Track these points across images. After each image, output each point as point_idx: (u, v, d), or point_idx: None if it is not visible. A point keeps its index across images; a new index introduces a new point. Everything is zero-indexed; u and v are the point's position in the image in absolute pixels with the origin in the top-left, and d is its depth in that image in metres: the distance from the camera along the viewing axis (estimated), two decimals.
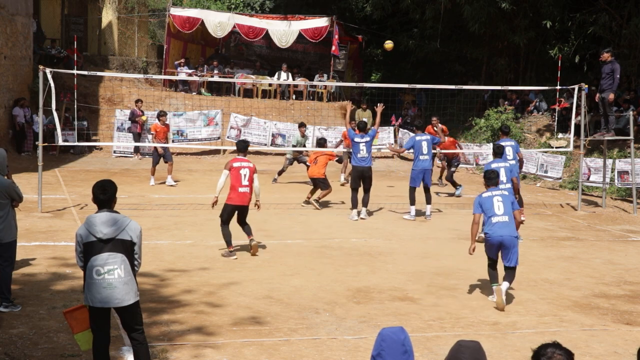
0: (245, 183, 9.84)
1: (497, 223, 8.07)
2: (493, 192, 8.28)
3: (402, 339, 3.76)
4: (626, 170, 16.26)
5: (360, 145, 13.04)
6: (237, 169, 9.86)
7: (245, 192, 9.85)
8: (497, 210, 8.11)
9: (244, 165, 9.93)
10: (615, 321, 7.65)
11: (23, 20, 20.90)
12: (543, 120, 21.88)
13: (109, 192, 5.39)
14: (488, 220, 8.12)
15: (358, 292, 8.42)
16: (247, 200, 9.93)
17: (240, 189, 9.83)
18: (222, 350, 6.37)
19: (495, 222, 8.08)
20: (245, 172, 9.87)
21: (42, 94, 12.86)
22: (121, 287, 5.25)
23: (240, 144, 10.25)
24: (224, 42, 27.28)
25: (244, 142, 10.21)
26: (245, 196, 9.89)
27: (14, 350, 6.18)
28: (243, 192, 9.85)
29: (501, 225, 8.06)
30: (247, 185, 9.85)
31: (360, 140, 13.08)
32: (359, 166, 13.04)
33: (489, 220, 8.11)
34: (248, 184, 9.85)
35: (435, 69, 28.90)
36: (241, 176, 9.83)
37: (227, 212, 9.92)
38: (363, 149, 13.01)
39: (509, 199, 8.27)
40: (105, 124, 21.77)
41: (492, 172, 8.55)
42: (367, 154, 13.02)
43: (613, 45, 17.98)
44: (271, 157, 22.28)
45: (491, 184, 8.39)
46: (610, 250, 11.30)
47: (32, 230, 11.02)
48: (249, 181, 9.86)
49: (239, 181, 9.82)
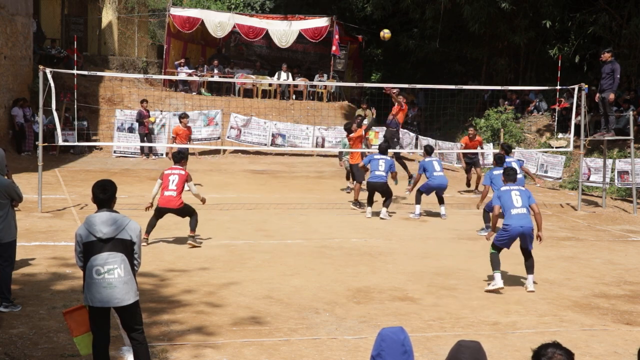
0: (173, 187, 10.42)
1: (516, 215, 8.56)
2: (511, 187, 8.83)
3: (402, 339, 3.77)
4: (626, 170, 16.25)
5: (380, 162, 13.25)
6: (167, 175, 10.56)
7: (171, 196, 10.40)
8: (515, 203, 8.61)
9: (174, 172, 10.58)
10: (615, 321, 7.65)
11: (23, 20, 20.90)
12: (543, 120, 21.89)
13: (108, 192, 5.39)
14: (507, 212, 8.62)
15: (358, 292, 8.41)
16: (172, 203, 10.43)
17: (166, 193, 10.46)
18: (222, 350, 6.37)
19: (515, 213, 8.57)
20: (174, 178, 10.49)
21: (42, 94, 12.86)
22: (121, 286, 5.25)
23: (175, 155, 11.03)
24: (224, 42, 27.27)
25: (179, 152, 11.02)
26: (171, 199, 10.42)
27: (14, 350, 6.18)
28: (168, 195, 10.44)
29: (520, 216, 8.56)
30: (174, 189, 10.40)
31: (380, 157, 13.37)
32: (375, 182, 13.20)
33: (508, 212, 8.62)
34: (175, 188, 10.41)
35: (435, 69, 28.90)
36: (169, 182, 10.47)
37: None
38: (382, 165, 13.21)
39: (526, 193, 8.82)
40: (105, 124, 21.77)
41: (510, 169, 9.18)
42: (384, 172, 13.19)
43: (613, 45, 17.97)
44: (271, 157, 22.29)
45: (510, 179, 8.94)
46: (610, 250, 11.29)
47: (32, 230, 11.02)
48: (176, 186, 10.43)
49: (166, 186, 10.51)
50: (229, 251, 10.30)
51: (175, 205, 10.38)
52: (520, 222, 8.52)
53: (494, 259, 8.64)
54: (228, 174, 18.86)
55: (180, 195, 10.42)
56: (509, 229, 8.56)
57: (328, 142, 22.37)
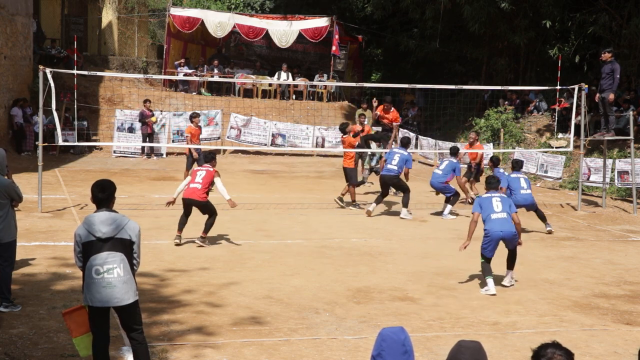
0: (199, 180, 10.53)
1: (495, 219, 8.61)
2: (493, 194, 8.91)
3: (402, 339, 3.77)
4: (626, 170, 16.25)
5: (395, 155, 13.28)
6: (195, 171, 10.79)
7: (196, 188, 10.49)
8: (495, 208, 8.67)
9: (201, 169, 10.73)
10: (615, 321, 7.65)
11: (23, 20, 20.90)
12: (543, 120, 21.88)
13: (107, 191, 5.39)
14: (487, 217, 8.63)
15: (358, 292, 8.41)
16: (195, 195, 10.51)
17: (191, 185, 10.58)
18: (222, 350, 6.37)
19: (495, 218, 8.62)
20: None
21: (42, 94, 12.85)
22: (120, 286, 5.25)
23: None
24: (224, 42, 27.28)
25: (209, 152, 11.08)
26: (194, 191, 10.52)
27: (14, 350, 6.18)
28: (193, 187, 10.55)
29: (501, 221, 8.60)
30: (199, 182, 10.50)
31: (397, 151, 13.43)
32: (385, 175, 13.27)
33: (488, 217, 8.63)
34: (201, 181, 10.51)
35: (435, 69, 28.90)
36: (196, 176, 10.62)
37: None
38: (396, 159, 13.22)
39: (507, 201, 8.90)
40: (105, 124, 21.76)
41: (492, 177, 9.31)
42: (396, 166, 13.17)
43: (613, 45, 17.96)
44: (271, 157, 22.29)
45: (491, 187, 9.03)
46: (610, 250, 11.29)
47: (32, 230, 11.02)
48: (202, 179, 10.52)
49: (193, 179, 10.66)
50: (229, 251, 10.30)
51: (199, 197, 10.37)
52: (500, 226, 8.56)
53: (485, 267, 8.67)
54: (228, 174, 18.80)
55: (205, 190, 10.45)
56: (489, 234, 8.58)
57: (328, 142, 22.37)
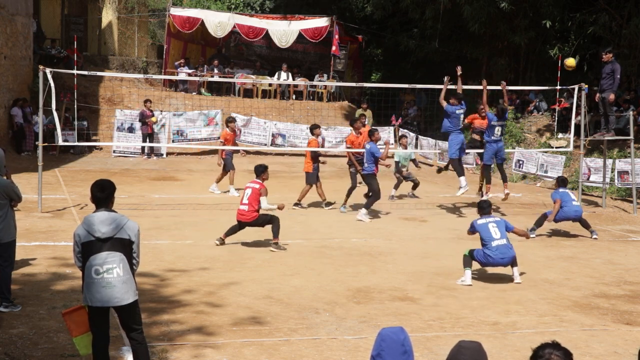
0: (245, 202, 10.49)
1: (496, 247, 8.82)
2: (487, 219, 9.10)
3: (402, 339, 3.77)
4: (626, 170, 16.24)
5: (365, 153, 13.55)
6: (245, 189, 10.69)
7: (243, 210, 10.51)
8: (494, 235, 8.87)
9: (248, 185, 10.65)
10: (615, 321, 7.65)
11: (23, 20, 20.89)
12: (543, 120, 21.87)
13: (107, 191, 5.38)
14: (488, 244, 8.85)
15: (358, 292, 8.41)
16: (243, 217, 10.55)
17: (240, 207, 10.60)
18: (222, 350, 6.37)
19: (496, 245, 8.83)
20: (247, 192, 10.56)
21: (42, 94, 12.86)
22: (120, 286, 5.24)
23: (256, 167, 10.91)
24: (224, 42, 27.27)
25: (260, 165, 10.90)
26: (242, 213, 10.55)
27: (14, 350, 6.18)
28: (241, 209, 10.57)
29: (502, 249, 8.83)
30: (246, 204, 10.46)
31: (365, 148, 13.62)
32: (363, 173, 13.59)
33: (489, 244, 8.84)
34: (247, 202, 10.45)
35: (435, 69, 28.85)
36: (244, 195, 10.59)
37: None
38: (364, 154, 13.51)
39: (502, 223, 9.09)
40: (105, 124, 21.76)
41: (484, 202, 9.50)
42: (367, 163, 13.31)
43: (613, 45, 17.95)
44: (271, 157, 22.26)
45: (484, 212, 9.23)
46: (610, 250, 11.29)
47: (32, 230, 11.02)
48: (248, 200, 10.45)
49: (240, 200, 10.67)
50: (229, 251, 10.31)
51: (249, 219, 10.50)
52: (502, 254, 8.81)
53: (466, 260, 8.94)
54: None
55: (254, 210, 10.42)
56: (490, 260, 8.85)
57: (328, 142, 22.33)
